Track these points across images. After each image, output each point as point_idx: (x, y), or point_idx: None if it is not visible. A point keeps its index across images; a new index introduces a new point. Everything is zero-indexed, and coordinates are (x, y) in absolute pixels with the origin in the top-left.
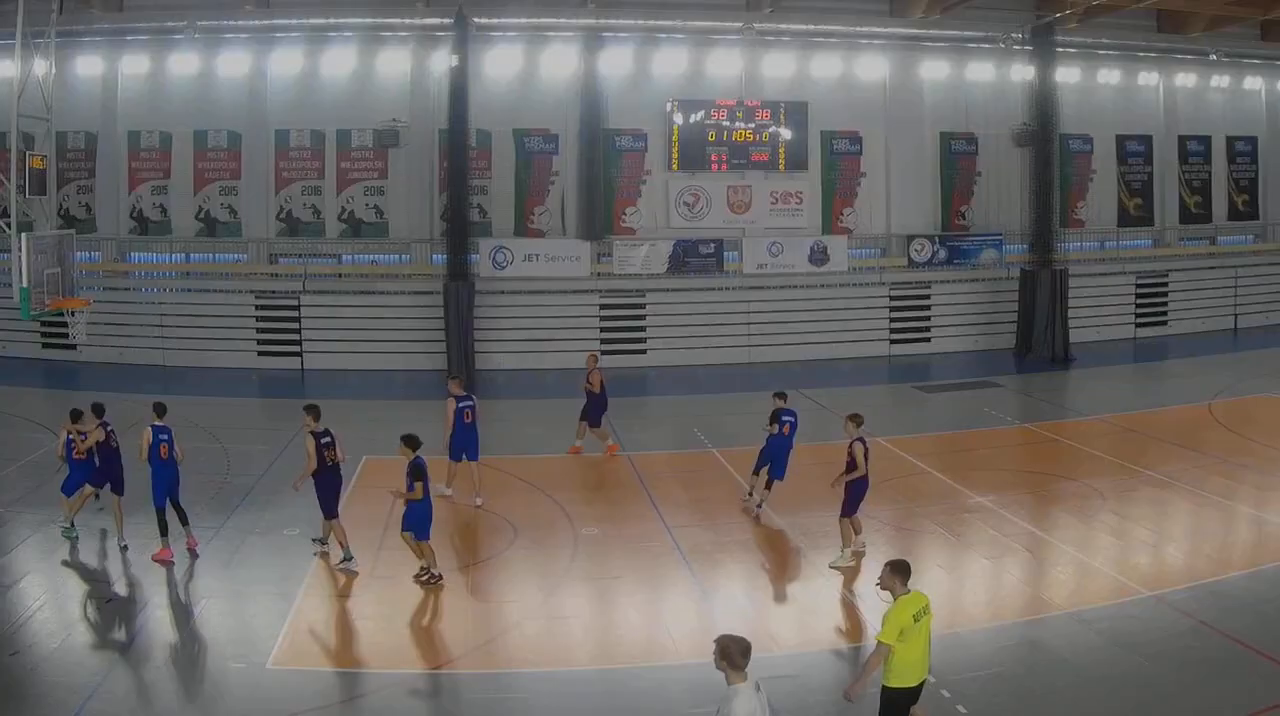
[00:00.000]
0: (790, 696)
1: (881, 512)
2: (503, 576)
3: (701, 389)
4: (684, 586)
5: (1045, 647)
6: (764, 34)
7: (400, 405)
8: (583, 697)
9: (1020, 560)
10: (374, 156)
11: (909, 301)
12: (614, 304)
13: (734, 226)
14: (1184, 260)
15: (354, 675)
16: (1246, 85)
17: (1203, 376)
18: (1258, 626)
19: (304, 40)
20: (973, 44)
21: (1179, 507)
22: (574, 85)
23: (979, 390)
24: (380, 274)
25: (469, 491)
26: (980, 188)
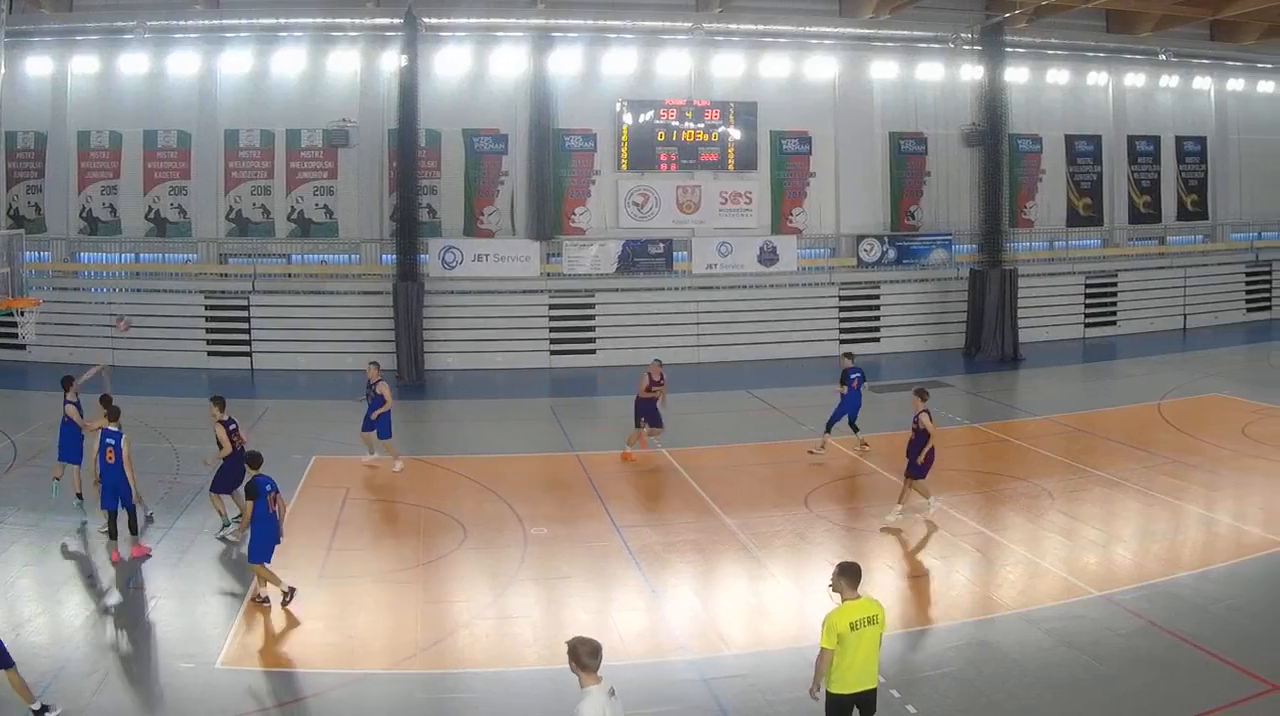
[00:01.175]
0: (740, 696)
1: (831, 513)
2: (452, 576)
3: None
4: (633, 586)
5: (994, 647)
6: (713, 34)
7: (350, 405)
8: (531, 697)
9: (969, 560)
10: (324, 156)
11: (858, 301)
12: (563, 304)
13: (683, 226)
14: (1133, 260)
15: (304, 675)
16: (1195, 85)
17: (1152, 376)
18: (1206, 626)
19: (254, 40)
20: (922, 44)
21: (1128, 507)
22: (524, 85)
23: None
24: (330, 274)
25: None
26: (930, 188)
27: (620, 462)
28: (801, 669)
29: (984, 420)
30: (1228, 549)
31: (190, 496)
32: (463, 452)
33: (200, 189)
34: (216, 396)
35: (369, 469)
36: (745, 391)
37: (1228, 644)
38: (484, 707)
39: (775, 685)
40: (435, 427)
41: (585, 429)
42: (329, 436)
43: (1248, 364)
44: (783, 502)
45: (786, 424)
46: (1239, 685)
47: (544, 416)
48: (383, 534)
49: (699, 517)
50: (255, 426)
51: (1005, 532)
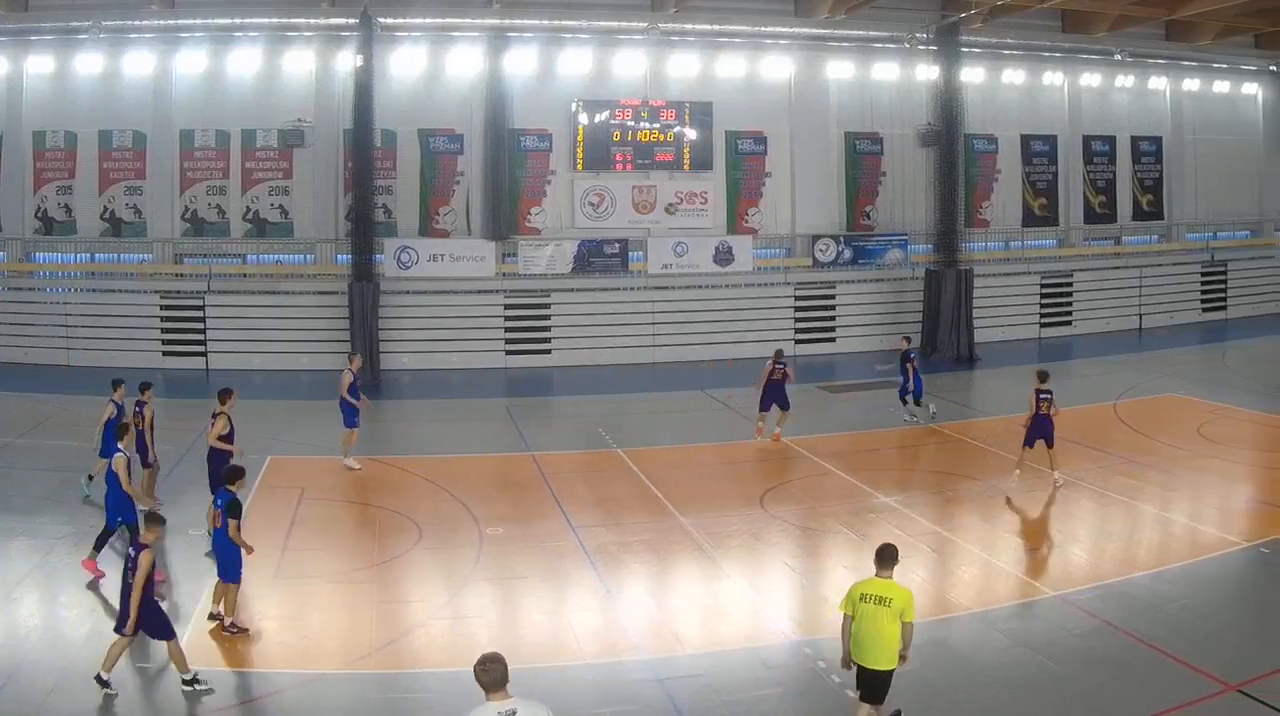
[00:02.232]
0: (696, 696)
1: (786, 512)
2: (407, 576)
3: (606, 389)
4: (589, 586)
5: (950, 647)
6: (669, 34)
7: (305, 405)
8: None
9: (925, 560)
10: (279, 156)
11: (814, 301)
12: (519, 304)
13: (639, 226)
14: (1089, 260)
15: (259, 675)
16: (1151, 85)
17: (1107, 376)
18: (1161, 626)
19: (209, 40)
20: (878, 44)
21: (1083, 507)
22: (479, 85)
23: (884, 390)
24: (285, 274)
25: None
26: (885, 187)
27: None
28: (756, 669)
29: (940, 420)
30: (1183, 549)
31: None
32: (418, 453)
33: (155, 189)
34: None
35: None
36: (701, 391)
37: (1182, 644)
38: (439, 707)
39: (730, 685)
40: (391, 428)
41: (540, 429)
42: (284, 436)
43: (1203, 364)
44: (738, 503)
45: (742, 424)
46: (1194, 685)
47: (499, 416)
48: (338, 534)
49: (654, 518)
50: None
51: (961, 532)
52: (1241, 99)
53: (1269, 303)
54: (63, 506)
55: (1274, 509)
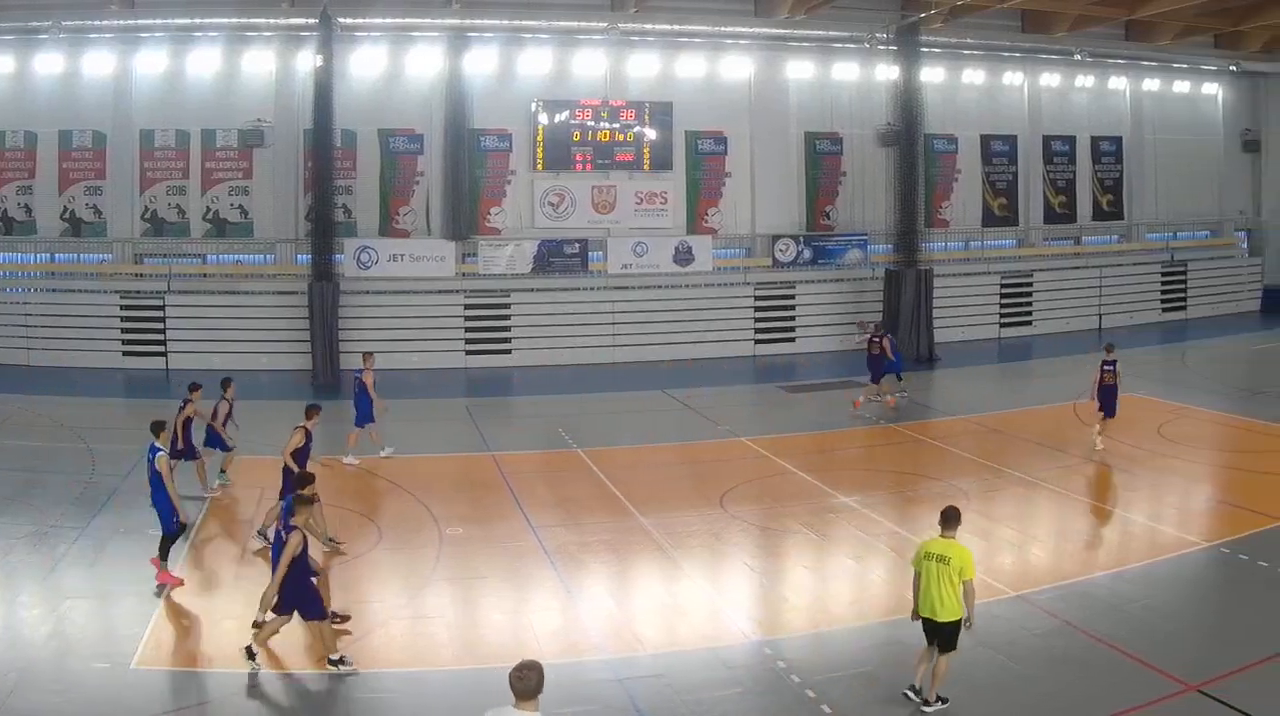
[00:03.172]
0: (656, 696)
1: (746, 512)
2: (367, 576)
3: (566, 389)
4: (549, 586)
5: (910, 647)
6: (629, 34)
7: (265, 405)
8: (446, 697)
9: (885, 560)
10: (239, 156)
11: (774, 301)
12: (479, 304)
13: (599, 226)
14: (1048, 260)
15: (219, 675)
16: (1111, 85)
17: (1067, 376)
18: (1122, 626)
19: (169, 40)
20: (838, 44)
21: (1043, 507)
22: (439, 85)
23: (843, 390)
24: (245, 274)
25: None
26: (845, 188)
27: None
28: (716, 669)
29: (899, 420)
30: (1143, 549)
31: (105, 497)
32: (378, 453)
33: (115, 189)
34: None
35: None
36: (661, 391)
37: (1143, 644)
38: (400, 707)
39: (690, 685)
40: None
41: (501, 429)
42: (244, 437)
43: (1163, 364)
44: (698, 503)
45: (702, 424)
46: (1154, 685)
47: (459, 416)
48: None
49: (614, 518)
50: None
51: (921, 532)
52: (1201, 99)
53: (1228, 303)
54: (23, 506)
55: (1233, 509)
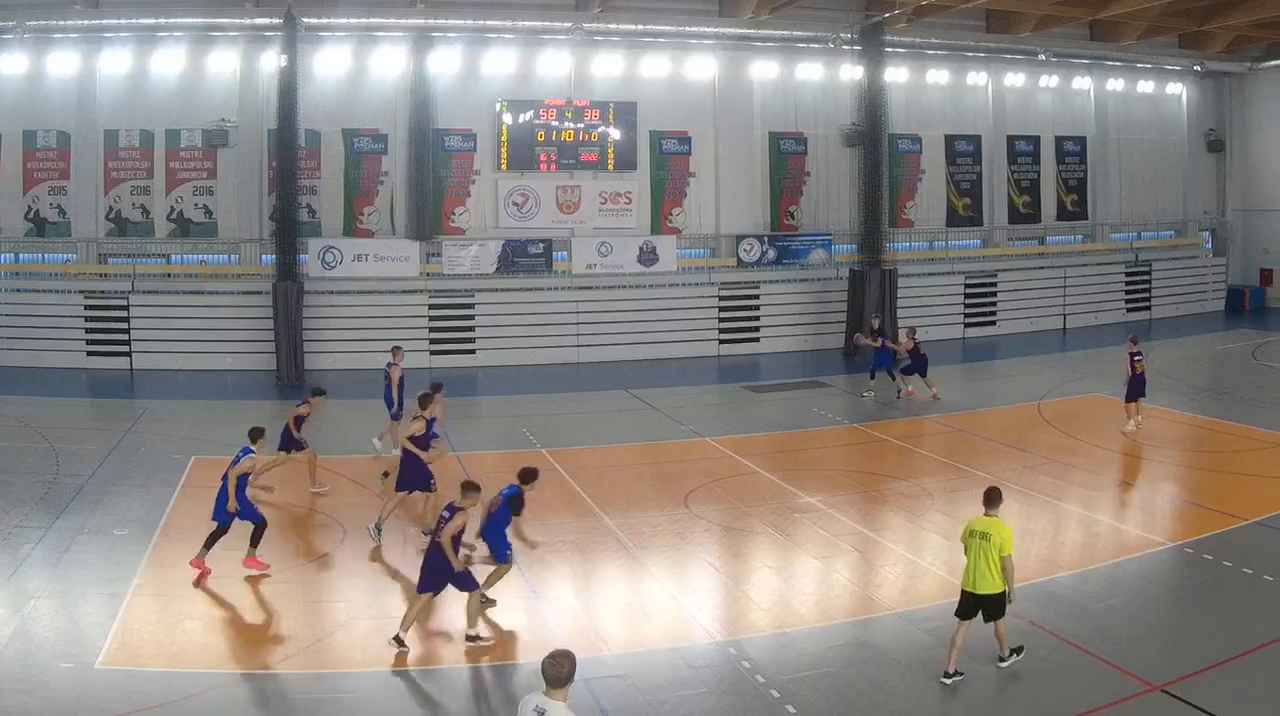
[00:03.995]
0: (620, 696)
1: (710, 512)
2: (332, 576)
3: (530, 389)
4: (513, 586)
5: (874, 647)
6: (593, 34)
7: (229, 405)
8: (409, 697)
9: (849, 560)
10: (203, 156)
11: (738, 301)
12: (443, 304)
13: (563, 226)
14: (1013, 260)
15: (184, 675)
16: (1075, 85)
17: (1031, 376)
18: (1086, 626)
19: (134, 40)
20: (802, 44)
21: (1008, 508)
22: (403, 85)
23: (808, 390)
24: (209, 274)
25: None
26: (810, 188)
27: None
28: (681, 669)
29: (864, 420)
30: (1107, 549)
31: (70, 496)
32: (343, 452)
33: (80, 189)
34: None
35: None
36: (625, 391)
37: (1107, 644)
38: (363, 707)
39: (655, 685)
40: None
41: (465, 429)
42: (208, 437)
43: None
44: (662, 503)
45: (666, 424)
46: (1118, 685)
47: None
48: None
49: (578, 518)
50: (135, 427)
51: (885, 532)
52: (1165, 99)
53: (1192, 302)
54: None
55: (1197, 509)
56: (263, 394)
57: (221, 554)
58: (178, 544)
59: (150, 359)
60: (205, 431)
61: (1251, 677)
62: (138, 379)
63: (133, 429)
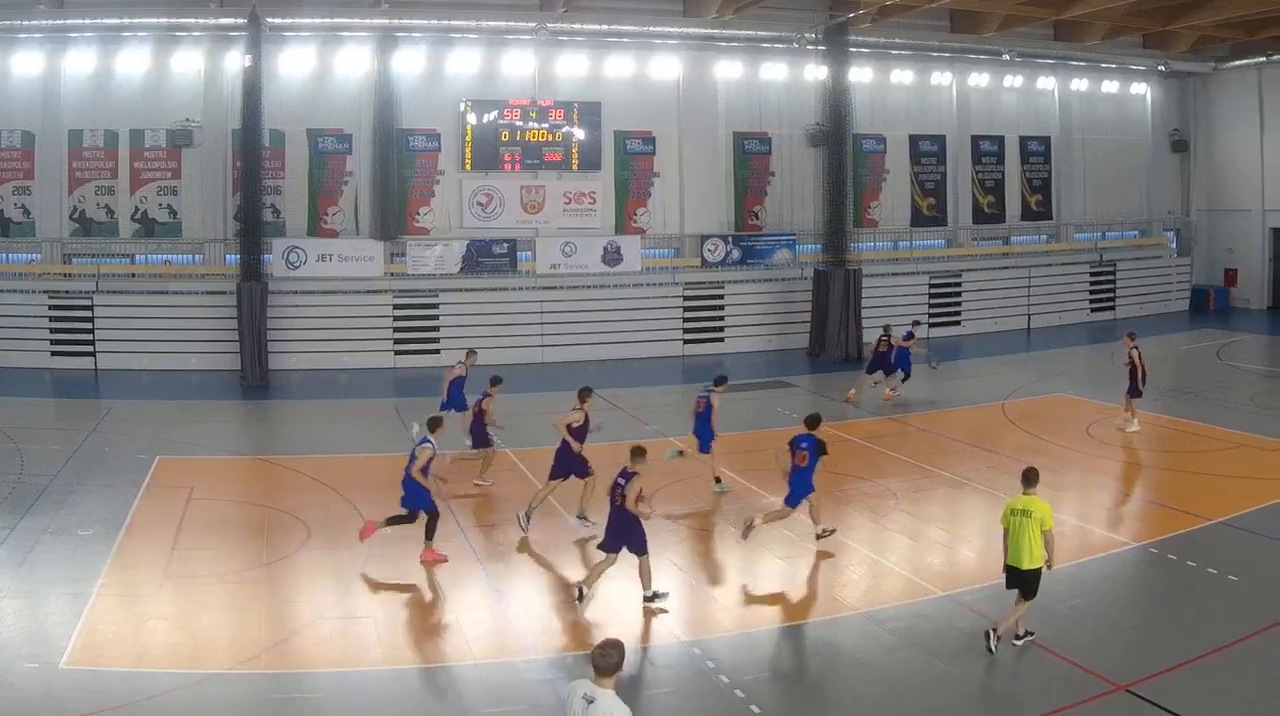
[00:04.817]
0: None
1: (673, 512)
2: (297, 576)
3: None
4: (478, 586)
5: (839, 647)
6: (557, 34)
7: (193, 405)
8: (374, 697)
9: (813, 560)
10: (167, 156)
11: (702, 301)
12: (407, 304)
13: (527, 226)
14: (977, 260)
15: (149, 675)
16: (1039, 85)
17: (996, 376)
18: (1050, 626)
19: (98, 40)
20: (766, 44)
21: (972, 507)
22: (368, 85)
23: (772, 390)
24: (173, 274)
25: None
26: (774, 188)
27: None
28: (645, 669)
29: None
30: (1071, 549)
31: (34, 496)
32: (307, 453)
33: (44, 189)
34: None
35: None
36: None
37: (1072, 644)
38: (327, 707)
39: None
40: (280, 428)
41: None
42: (173, 437)
43: (1091, 364)
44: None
45: (630, 424)
46: (1082, 685)
47: (388, 416)
48: (227, 534)
49: (542, 518)
50: (99, 427)
51: (849, 533)
52: (1130, 99)
53: (1157, 302)
54: None
55: (1162, 509)
56: (227, 394)
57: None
58: (142, 544)
59: (115, 359)
60: (170, 431)
61: (1216, 677)
62: (102, 379)
63: (97, 429)
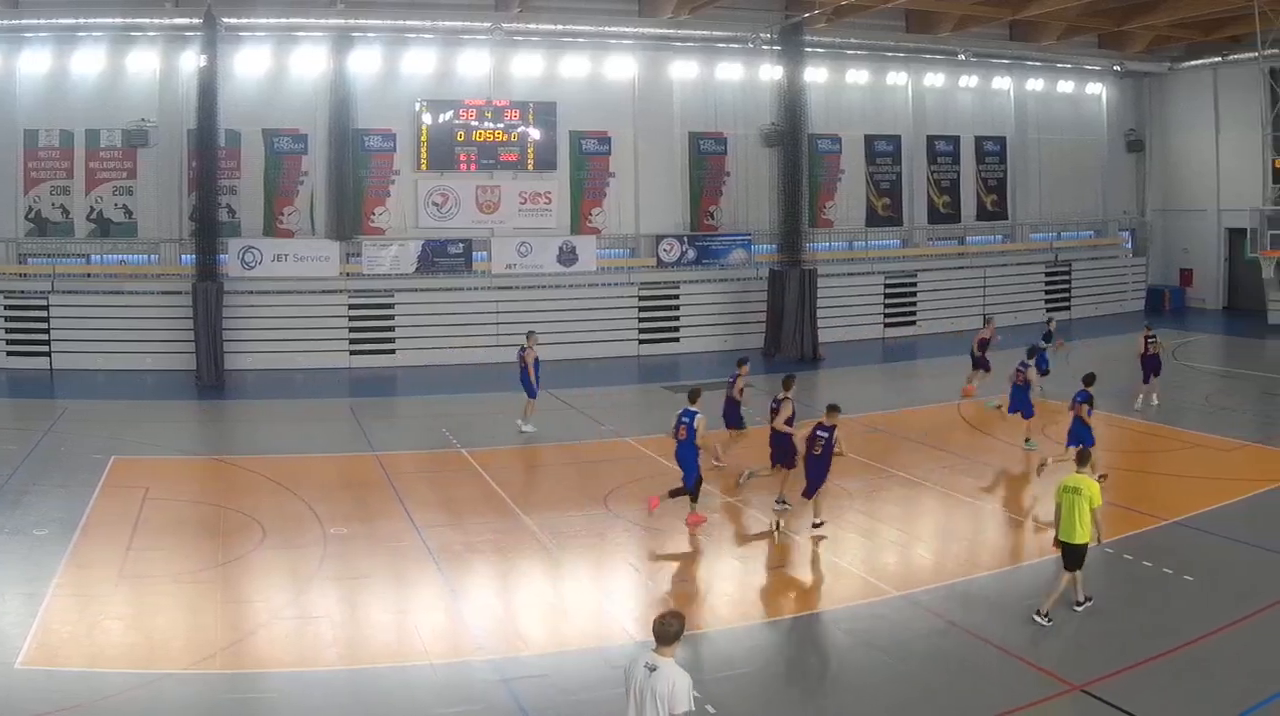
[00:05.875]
0: (540, 696)
1: (629, 512)
2: (252, 576)
3: (449, 389)
4: (433, 586)
5: (795, 648)
6: (513, 34)
7: (150, 405)
8: (330, 696)
9: (768, 560)
10: (123, 156)
11: (658, 301)
12: (363, 304)
13: (483, 226)
14: (932, 260)
15: (104, 675)
16: (995, 85)
17: (951, 376)
18: (1006, 626)
19: (54, 40)
20: (722, 44)
21: (927, 507)
22: (323, 85)
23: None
24: (129, 274)
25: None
26: (729, 188)
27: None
28: (600, 669)
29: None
30: (1026, 549)
31: None
32: (262, 452)
33: None
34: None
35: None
36: (544, 391)
37: (1027, 643)
38: (283, 707)
39: (575, 685)
40: (235, 428)
41: (384, 429)
42: (128, 436)
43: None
44: (582, 502)
45: (586, 423)
46: (1038, 685)
47: (343, 416)
48: (183, 534)
49: (498, 518)
50: (54, 427)
51: (805, 532)
52: (1085, 99)
53: (1112, 302)
54: None
55: (1116, 508)
56: (182, 394)
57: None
58: (98, 544)
59: (70, 359)
60: (125, 431)
61: (1170, 677)
62: (57, 379)
63: (52, 429)
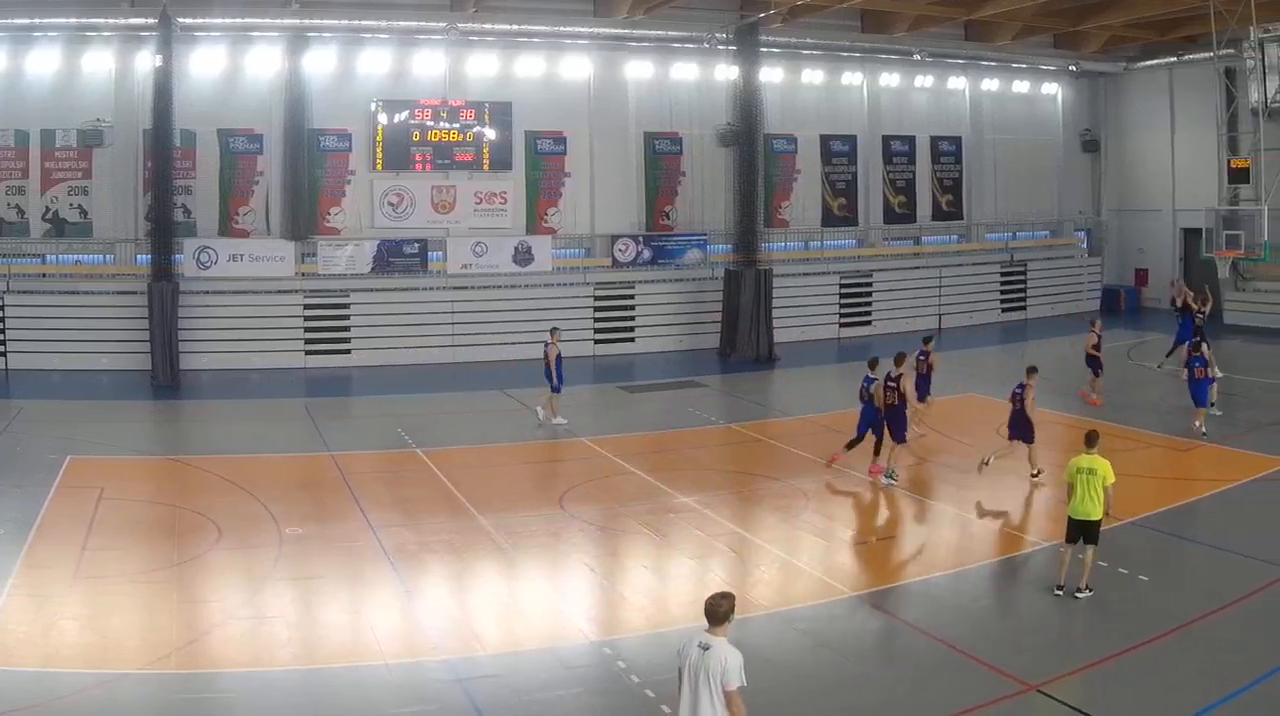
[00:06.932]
0: (495, 696)
1: (585, 512)
2: (207, 576)
3: (405, 389)
4: (388, 586)
5: (749, 648)
6: (468, 34)
7: (105, 405)
8: (285, 696)
9: (724, 560)
10: (78, 156)
11: (613, 301)
12: (318, 304)
13: (438, 226)
14: (888, 260)
15: (59, 675)
16: (950, 85)
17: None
18: (962, 626)
19: (8, 40)
20: (677, 44)
21: (883, 507)
22: (279, 85)
23: (683, 390)
24: (84, 274)
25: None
26: (685, 188)
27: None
28: (555, 670)
29: (739, 420)
30: (983, 549)
31: None
32: (218, 452)
33: None
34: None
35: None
36: (500, 391)
37: (982, 644)
38: (238, 706)
39: (530, 685)
40: (190, 428)
41: (340, 429)
42: (83, 436)
43: (1002, 364)
44: (538, 503)
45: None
46: (993, 685)
47: (299, 416)
48: (138, 534)
49: (453, 518)
50: (9, 427)
51: (760, 532)
52: (1041, 99)
53: (1067, 303)
54: None
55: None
56: (138, 394)
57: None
58: (53, 544)
59: (25, 359)
60: (81, 431)
61: (1126, 677)
62: (12, 379)
63: (7, 429)
